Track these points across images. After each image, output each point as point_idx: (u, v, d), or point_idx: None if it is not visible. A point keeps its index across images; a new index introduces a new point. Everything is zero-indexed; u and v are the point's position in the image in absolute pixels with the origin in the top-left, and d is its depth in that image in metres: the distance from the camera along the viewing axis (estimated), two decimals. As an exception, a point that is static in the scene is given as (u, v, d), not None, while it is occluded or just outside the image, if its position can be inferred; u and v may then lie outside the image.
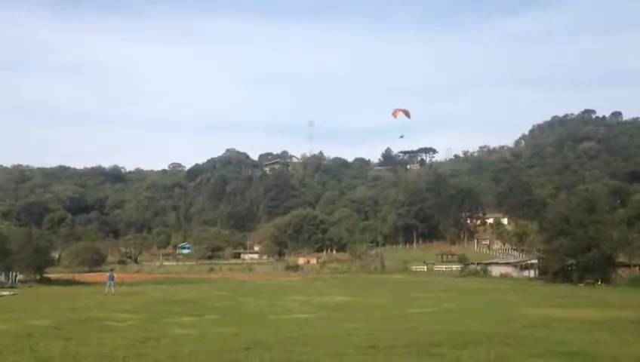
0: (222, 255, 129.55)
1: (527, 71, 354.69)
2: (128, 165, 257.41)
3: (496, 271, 75.77)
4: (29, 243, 66.30)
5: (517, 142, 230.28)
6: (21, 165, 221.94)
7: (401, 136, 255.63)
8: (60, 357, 12.43)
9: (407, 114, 58.32)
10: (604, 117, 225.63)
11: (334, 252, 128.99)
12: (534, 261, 69.53)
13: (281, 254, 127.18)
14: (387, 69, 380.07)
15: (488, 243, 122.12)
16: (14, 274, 62.22)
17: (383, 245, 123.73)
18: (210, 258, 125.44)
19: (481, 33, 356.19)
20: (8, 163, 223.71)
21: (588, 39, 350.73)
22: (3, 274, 61.34)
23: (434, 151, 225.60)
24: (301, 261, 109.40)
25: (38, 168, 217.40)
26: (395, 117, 58.05)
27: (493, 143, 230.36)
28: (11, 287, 53.66)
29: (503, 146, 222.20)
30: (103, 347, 14.04)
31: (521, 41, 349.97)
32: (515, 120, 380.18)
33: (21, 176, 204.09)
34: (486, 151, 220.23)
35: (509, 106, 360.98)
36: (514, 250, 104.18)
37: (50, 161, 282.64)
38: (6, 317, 22.97)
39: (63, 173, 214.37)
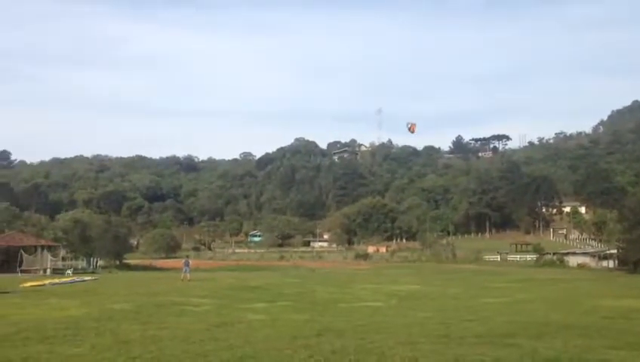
0: (292, 243, 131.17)
1: (604, 55, 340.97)
2: (201, 154, 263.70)
3: (573, 261, 73.27)
4: (108, 230, 68.92)
5: (595, 129, 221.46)
6: (100, 155, 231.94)
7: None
8: (139, 340, 12.82)
9: (412, 128, 61.99)
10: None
11: (404, 241, 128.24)
12: (614, 251, 66.83)
13: (350, 243, 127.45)
14: (457, 54, 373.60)
15: (565, 232, 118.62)
16: (95, 259, 64.75)
17: (454, 234, 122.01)
18: (280, 246, 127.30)
19: (555, 17, 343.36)
20: (89, 153, 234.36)
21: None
22: (85, 259, 64.04)
23: (507, 138, 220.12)
24: (370, 249, 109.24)
25: (117, 158, 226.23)
26: (412, 131, 61.68)
27: (570, 130, 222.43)
28: (93, 273, 55.84)
29: (581, 133, 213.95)
30: (180, 330, 14.42)
31: (598, 25, 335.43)
32: (593, 106, 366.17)
33: (101, 165, 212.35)
34: (562, 138, 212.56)
35: (586, 92, 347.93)
36: (592, 239, 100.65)
37: (128, 151, 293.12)
38: (88, 301, 23.91)
39: (140, 162, 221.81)
